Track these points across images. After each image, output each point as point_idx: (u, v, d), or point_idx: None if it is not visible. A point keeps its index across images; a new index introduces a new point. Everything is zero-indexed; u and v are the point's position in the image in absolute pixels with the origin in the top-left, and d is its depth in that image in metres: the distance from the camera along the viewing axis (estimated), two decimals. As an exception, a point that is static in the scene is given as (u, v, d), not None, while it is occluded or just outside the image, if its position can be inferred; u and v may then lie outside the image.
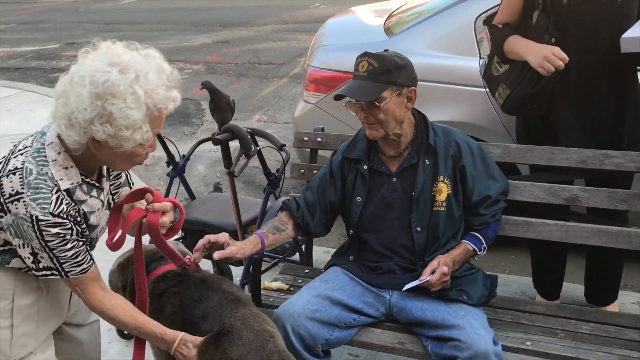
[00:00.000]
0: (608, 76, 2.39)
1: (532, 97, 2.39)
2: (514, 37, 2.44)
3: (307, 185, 2.32)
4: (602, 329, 2.13)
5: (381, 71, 2.04)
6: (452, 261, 2.08)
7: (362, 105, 2.08)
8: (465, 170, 2.13)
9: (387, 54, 2.10)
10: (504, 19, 2.52)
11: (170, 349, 1.72)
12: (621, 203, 2.20)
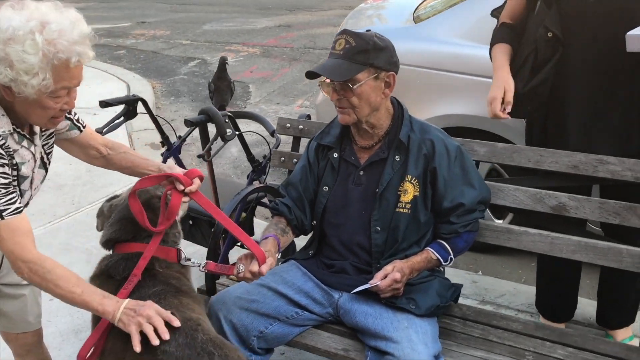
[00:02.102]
0: (617, 74, 2.09)
1: (523, 97, 2.13)
2: (500, 48, 2.24)
3: (286, 181, 2.18)
4: (579, 355, 1.90)
5: (358, 50, 1.88)
6: (410, 268, 1.91)
7: (335, 86, 1.93)
8: (437, 172, 1.94)
9: (367, 33, 1.93)
10: (511, 7, 2.29)
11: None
12: (613, 215, 1.94)
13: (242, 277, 1.77)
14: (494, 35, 2.32)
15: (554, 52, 2.09)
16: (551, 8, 2.08)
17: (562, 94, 2.14)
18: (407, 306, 1.87)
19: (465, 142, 2.17)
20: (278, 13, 10.46)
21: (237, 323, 1.90)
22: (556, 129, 2.21)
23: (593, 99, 2.13)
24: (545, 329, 2.03)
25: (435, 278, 1.99)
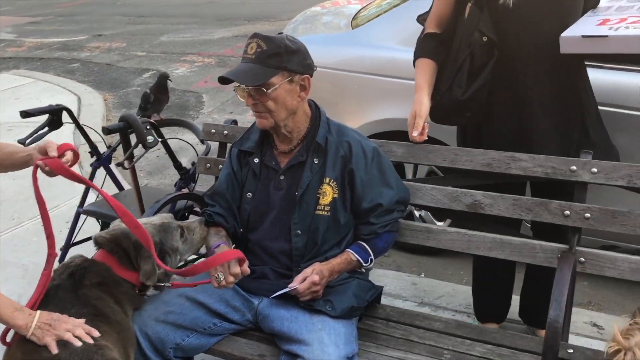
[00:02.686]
0: (552, 75, 2.12)
1: (462, 104, 2.14)
2: (421, 63, 2.23)
3: (212, 190, 2.14)
4: (496, 352, 1.91)
5: (270, 54, 1.86)
6: (330, 270, 1.90)
7: (250, 90, 1.91)
8: (355, 173, 1.94)
9: (279, 36, 1.92)
10: (438, 12, 2.26)
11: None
12: (526, 212, 1.97)
13: (224, 284, 1.75)
14: (418, 47, 2.29)
15: (489, 56, 2.09)
16: (483, 11, 2.07)
17: (501, 97, 2.15)
18: (323, 308, 1.86)
19: (383, 143, 2.18)
20: (236, 23, 10.43)
21: (153, 335, 1.86)
22: (493, 132, 2.21)
23: (530, 101, 2.13)
24: (466, 327, 2.03)
25: (354, 279, 1.98)
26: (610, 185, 1.90)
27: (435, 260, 3.46)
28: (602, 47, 1.93)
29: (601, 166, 1.89)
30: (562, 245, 1.93)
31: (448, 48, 2.18)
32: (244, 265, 1.75)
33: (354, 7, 4.06)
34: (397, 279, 3.18)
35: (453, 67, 2.14)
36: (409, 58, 2.99)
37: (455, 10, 2.18)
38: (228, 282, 1.74)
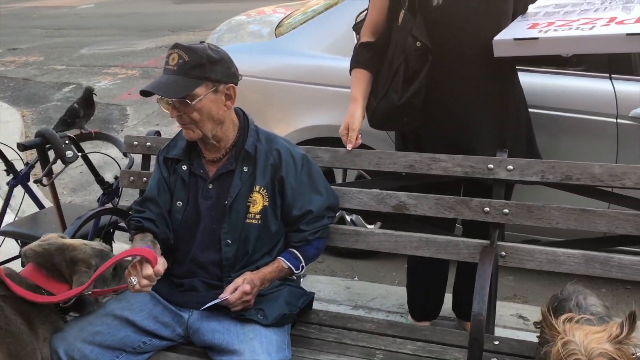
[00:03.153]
0: (485, 80, 2.19)
1: (399, 109, 2.17)
2: (356, 74, 2.26)
3: (142, 197, 2.08)
4: (427, 348, 1.95)
5: (193, 65, 1.83)
6: (261, 279, 1.90)
7: (174, 102, 1.87)
8: (285, 181, 1.95)
9: (200, 46, 1.89)
10: (372, 19, 2.28)
11: None
12: (448, 210, 2.03)
13: (138, 288, 1.69)
14: (354, 57, 2.30)
15: (424, 61, 2.12)
16: (416, 17, 2.10)
17: (437, 102, 2.18)
18: (255, 317, 1.85)
19: (310, 149, 2.20)
20: (160, 34, 10.25)
21: (80, 358, 1.78)
22: (431, 136, 2.25)
23: (464, 105, 2.19)
24: (397, 326, 2.07)
25: (285, 287, 1.98)
26: (525, 182, 1.99)
27: (368, 263, 3.52)
28: (533, 49, 2.01)
29: (516, 163, 1.98)
30: (484, 241, 2.00)
31: (384, 56, 2.22)
32: (156, 266, 1.70)
33: (280, 15, 4.08)
34: (331, 284, 3.21)
35: (389, 73, 2.17)
36: (334, 65, 3.05)
37: (389, 17, 2.22)
38: (142, 285, 1.69)
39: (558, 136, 2.77)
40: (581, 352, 1.31)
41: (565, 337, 1.35)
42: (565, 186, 1.96)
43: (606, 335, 1.34)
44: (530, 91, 2.56)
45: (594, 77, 2.73)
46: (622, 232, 1.87)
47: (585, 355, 1.30)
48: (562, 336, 1.36)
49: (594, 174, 1.89)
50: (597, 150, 2.72)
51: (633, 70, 2.72)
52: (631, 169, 1.86)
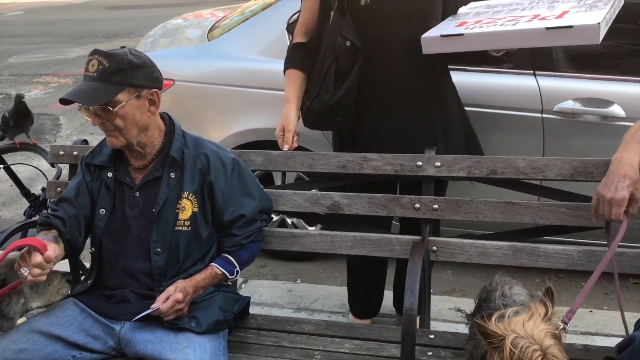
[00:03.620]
0: (416, 78, 2.22)
1: (331, 108, 2.18)
2: (290, 75, 2.27)
3: (59, 197, 2.00)
4: (364, 346, 1.97)
5: (113, 71, 1.79)
6: (194, 287, 1.86)
7: (96, 110, 1.82)
8: (214, 186, 1.92)
9: (121, 51, 1.85)
10: (304, 20, 2.30)
11: None
12: (381, 208, 2.06)
13: (31, 279, 1.63)
14: (288, 57, 2.31)
15: (354, 61, 2.13)
16: (345, 17, 2.12)
17: (369, 101, 2.20)
18: (188, 325, 1.81)
19: (241, 152, 2.19)
20: (94, 41, 9.97)
21: None
22: (367, 135, 2.27)
23: (396, 103, 2.21)
24: (335, 326, 2.08)
25: (219, 293, 1.96)
26: (453, 178, 2.04)
27: (310, 265, 3.52)
28: (459, 45, 2.06)
29: (444, 160, 2.02)
30: (415, 237, 2.03)
31: (317, 56, 2.23)
32: (46, 252, 1.65)
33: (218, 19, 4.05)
34: (273, 288, 3.19)
35: (320, 73, 2.19)
36: (269, 68, 3.04)
37: (321, 18, 2.23)
38: (34, 274, 1.64)
39: (489, 133, 2.84)
40: (532, 342, 1.32)
41: (509, 336, 1.34)
42: (492, 180, 2.01)
43: (537, 317, 1.37)
44: (461, 89, 2.63)
45: (519, 75, 2.83)
46: (545, 222, 1.94)
47: (537, 342, 1.32)
48: (505, 336, 1.35)
49: (518, 167, 1.95)
50: (525, 144, 2.81)
51: (555, 66, 2.84)
52: (552, 162, 1.93)
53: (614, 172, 1.69)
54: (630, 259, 1.88)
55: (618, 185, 1.65)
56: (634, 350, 1.38)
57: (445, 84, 2.35)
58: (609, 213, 1.67)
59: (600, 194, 1.69)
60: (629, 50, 3.63)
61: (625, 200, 1.64)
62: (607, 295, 3.10)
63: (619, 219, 1.66)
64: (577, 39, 1.87)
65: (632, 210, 1.67)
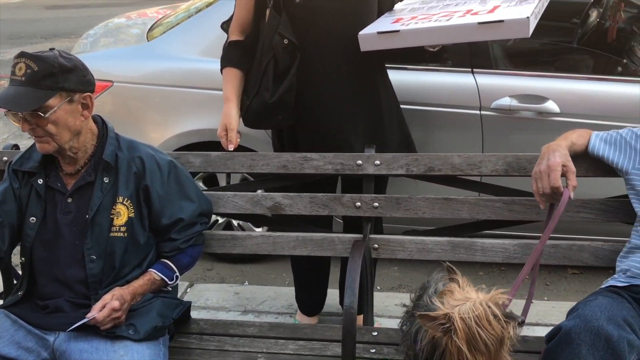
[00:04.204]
0: (354, 76, 2.22)
1: (272, 107, 2.16)
2: (228, 74, 2.24)
3: None
4: (308, 346, 1.97)
5: (43, 75, 1.72)
6: (132, 294, 1.82)
7: (25, 115, 1.75)
8: (150, 190, 1.87)
9: (51, 54, 1.78)
10: (240, 18, 2.27)
11: None
12: (322, 208, 2.06)
13: None
14: (224, 56, 2.28)
15: (293, 59, 2.13)
16: (281, 14, 2.10)
17: (309, 99, 2.20)
18: (125, 333, 1.77)
19: (180, 154, 2.15)
20: (32, 41, 9.63)
21: None
22: (305, 134, 2.26)
23: (334, 102, 2.21)
24: (279, 327, 2.07)
25: (157, 299, 1.92)
26: (392, 175, 2.06)
27: (258, 266, 3.49)
28: (395, 41, 2.08)
29: (383, 158, 2.04)
30: (357, 235, 2.04)
31: (254, 54, 2.21)
32: None
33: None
34: (220, 291, 3.15)
35: (258, 71, 2.17)
36: (211, 68, 2.99)
37: (256, 15, 2.21)
38: None
39: (430, 130, 2.90)
40: (475, 301, 1.35)
41: (455, 309, 1.37)
42: (430, 177, 2.04)
43: (456, 288, 1.44)
44: (401, 88, 2.66)
45: (457, 72, 2.88)
46: (482, 217, 1.98)
47: (475, 297, 1.36)
48: (451, 312, 1.37)
49: (454, 164, 1.99)
50: (465, 141, 2.87)
51: (492, 64, 2.91)
52: (487, 158, 1.98)
53: (543, 151, 1.75)
54: (563, 251, 1.94)
55: (549, 156, 1.70)
56: (561, 340, 1.43)
57: (382, 82, 2.37)
58: (547, 184, 1.68)
59: (535, 171, 1.73)
60: (562, 48, 3.77)
61: (558, 164, 1.67)
62: (547, 286, 3.20)
63: (556, 183, 1.67)
64: (508, 33, 1.92)
65: (571, 182, 1.70)
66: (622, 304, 1.56)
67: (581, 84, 2.83)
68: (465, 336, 1.33)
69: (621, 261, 1.75)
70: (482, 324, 1.32)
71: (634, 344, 1.41)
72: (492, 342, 1.34)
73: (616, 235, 2.01)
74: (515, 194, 2.03)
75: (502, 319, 1.34)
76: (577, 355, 1.38)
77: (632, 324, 1.47)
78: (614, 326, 1.40)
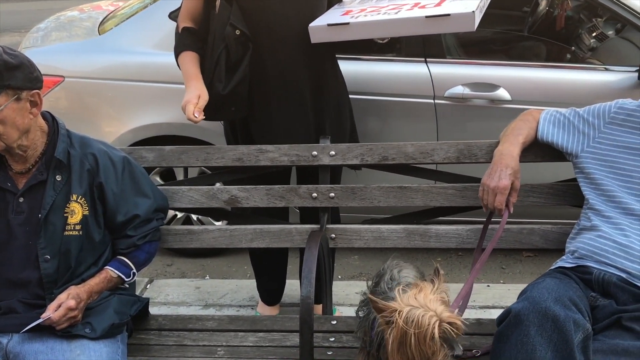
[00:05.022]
0: (306, 67, 2.22)
1: (225, 99, 2.14)
2: (186, 56, 2.18)
3: None
4: (268, 338, 1.98)
5: None
6: (88, 292, 1.79)
7: None
8: (104, 187, 1.85)
9: None
10: (189, 7, 2.24)
11: None
12: (279, 199, 2.07)
13: None
14: (179, 42, 2.25)
15: (245, 50, 2.11)
16: (232, 5, 2.09)
17: (261, 90, 2.19)
18: (82, 332, 1.74)
19: (132, 150, 2.12)
20: (-21, 37, 9.32)
21: None
22: (260, 125, 2.26)
23: (290, 92, 2.20)
24: (239, 320, 2.07)
25: (114, 296, 1.89)
26: (347, 165, 2.08)
27: (219, 260, 3.48)
28: (345, 34, 2.10)
29: (338, 148, 2.06)
30: (314, 226, 2.06)
31: (205, 44, 2.19)
32: None
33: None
34: (181, 286, 3.13)
35: (211, 62, 2.14)
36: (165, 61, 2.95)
37: (205, 5, 2.19)
38: None
39: (386, 120, 2.94)
40: (427, 310, 1.37)
41: (404, 309, 1.39)
42: (384, 166, 2.06)
43: (426, 290, 1.44)
44: (356, 78, 2.68)
45: (411, 62, 2.92)
46: (435, 204, 2.02)
47: (432, 309, 1.37)
48: (399, 309, 1.39)
49: (407, 152, 2.02)
50: (420, 130, 2.92)
51: (445, 53, 2.95)
52: (439, 146, 2.01)
53: (496, 163, 1.80)
54: (514, 235, 2.00)
55: (501, 174, 1.76)
56: (510, 322, 1.47)
57: (333, 72, 2.38)
58: (492, 201, 1.77)
59: (485, 184, 1.79)
60: (513, 36, 3.85)
61: (507, 188, 1.75)
62: (503, 270, 3.28)
63: (500, 206, 1.76)
64: (455, 27, 1.97)
65: (512, 200, 1.79)
66: (569, 284, 1.61)
67: (531, 71, 2.90)
68: (399, 337, 1.36)
69: (570, 242, 1.82)
70: (418, 336, 1.34)
71: (580, 323, 1.46)
72: (419, 356, 1.35)
73: (569, 217, 2.07)
74: (468, 180, 2.08)
75: (437, 343, 1.34)
76: (526, 335, 1.43)
77: (578, 303, 1.52)
78: (561, 306, 1.45)
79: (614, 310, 1.55)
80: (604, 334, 1.51)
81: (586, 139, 1.84)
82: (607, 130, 1.81)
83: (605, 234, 1.69)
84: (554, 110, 1.94)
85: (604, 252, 1.67)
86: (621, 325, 1.51)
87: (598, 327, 1.54)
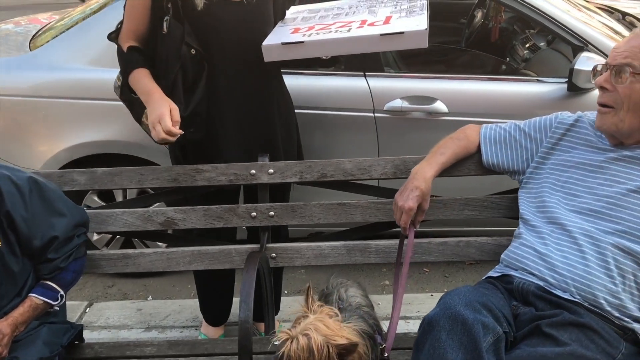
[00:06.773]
0: (256, 83, 2.18)
1: (186, 121, 2.02)
2: (139, 73, 2.06)
3: None
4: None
5: None
6: (13, 325, 1.71)
7: None
8: (12, 214, 1.74)
9: None
10: (132, 28, 2.11)
11: None
12: (217, 220, 2.03)
13: None
14: (128, 61, 2.10)
15: (201, 69, 2.06)
16: (184, 24, 2.02)
17: (216, 109, 2.13)
18: (7, 367, 1.66)
19: (64, 172, 2.05)
20: None
21: None
22: (214, 145, 2.18)
23: (242, 108, 2.16)
24: (178, 345, 2.02)
25: (44, 326, 1.81)
26: (287, 183, 2.06)
27: (162, 279, 3.40)
28: (300, 52, 2.07)
29: (276, 166, 2.04)
30: (254, 246, 2.03)
31: (153, 65, 2.10)
32: None
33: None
34: (121, 308, 3.04)
35: (167, 84, 2.04)
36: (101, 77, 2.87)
37: (152, 25, 2.09)
38: None
39: (328, 134, 2.94)
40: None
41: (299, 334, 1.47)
42: (323, 183, 2.06)
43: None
44: (298, 93, 2.67)
45: (351, 76, 2.94)
46: (374, 220, 2.02)
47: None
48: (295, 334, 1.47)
49: (345, 169, 2.02)
50: (361, 143, 2.93)
51: (383, 67, 2.99)
52: (376, 162, 2.02)
53: (409, 182, 1.83)
54: (451, 247, 2.02)
55: (410, 194, 1.79)
56: (425, 329, 1.49)
57: (279, 89, 2.37)
58: (399, 219, 1.80)
59: (395, 201, 1.81)
60: (450, 49, 3.93)
61: (412, 209, 1.78)
62: (446, 278, 3.33)
63: (405, 225, 1.79)
64: (408, 44, 1.97)
65: (419, 219, 1.82)
66: (493, 293, 1.64)
67: (467, 83, 2.96)
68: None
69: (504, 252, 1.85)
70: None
71: (489, 326, 1.47)
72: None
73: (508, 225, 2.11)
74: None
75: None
76: (438, 340, 1.44)
77: (493, 309, 1.54)
78: (470, 310, 1.47)
79: (533, 317, 1.58)
80: (525, 342, 1.53)
81: (529, 155, 1.88)
82: (548, 145, 1.85)
83: (526, 241, 1.73)
84: (495, 125, 1.97)
85: (524, 260, 1.70)
86: (541, 332, 1.53)
87: (520, 335, 1.56)
